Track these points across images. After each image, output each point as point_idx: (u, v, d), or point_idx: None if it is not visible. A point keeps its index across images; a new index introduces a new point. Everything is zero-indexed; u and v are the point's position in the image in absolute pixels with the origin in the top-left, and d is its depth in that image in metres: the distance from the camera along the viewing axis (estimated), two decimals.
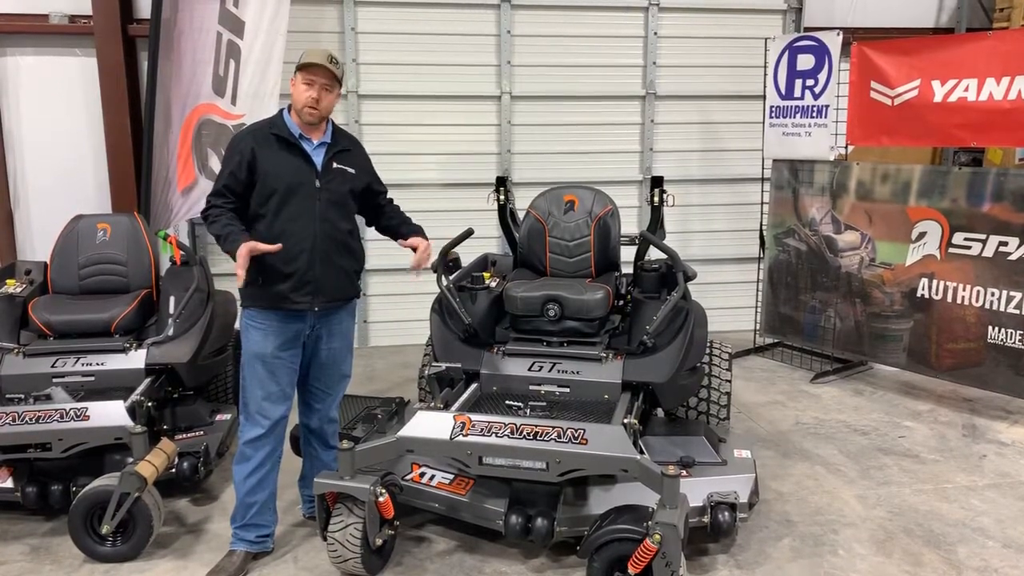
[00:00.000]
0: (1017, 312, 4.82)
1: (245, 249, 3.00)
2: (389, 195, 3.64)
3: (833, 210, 5.80)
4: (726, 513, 3.27)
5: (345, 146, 3.36)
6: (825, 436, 4.74)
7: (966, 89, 4.99)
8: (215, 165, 5.49)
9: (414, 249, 3.44)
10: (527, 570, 3.32)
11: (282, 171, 3.16)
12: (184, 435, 4.09)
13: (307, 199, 3.18)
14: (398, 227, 3.58)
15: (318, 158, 3.24)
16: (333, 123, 3.35)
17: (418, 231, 3.56)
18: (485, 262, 4.70)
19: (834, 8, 6.95)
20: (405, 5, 6.36)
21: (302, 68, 3.14)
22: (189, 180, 5.57)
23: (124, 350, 4.13)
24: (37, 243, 6.21)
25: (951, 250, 5.12)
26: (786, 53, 5.92)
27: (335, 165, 3.28)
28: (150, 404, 3.85)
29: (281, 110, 3.29)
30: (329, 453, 3.58)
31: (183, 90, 5.53)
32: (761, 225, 6.39)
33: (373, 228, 3.67)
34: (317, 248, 3.20)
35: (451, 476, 3.57)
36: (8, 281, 4.49)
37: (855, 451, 4.51)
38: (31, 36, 6.03)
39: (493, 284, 4.29)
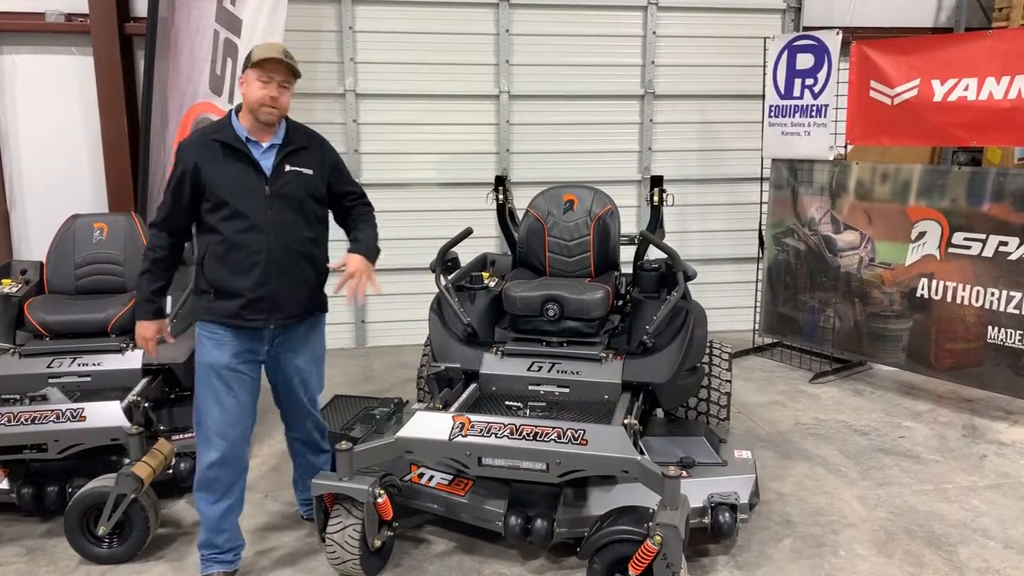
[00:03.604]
0: (1017, 312, 4.81)
1: (151, 332, 3.09)
2: (365, 198, 3.33)
3: (832, 210, 5.78)
4: (727, 514, 3.26)
5: (300, 144, 3.07)
6: (825, 436, 4.72)
7: (966, 88, 4.98)
8: None
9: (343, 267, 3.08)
10: (526, 571, 3.30)
11: (229, 180, 2.92)
12: (181, 436, 4.05)
13: (258, 208, 2.93)
14: (351, 231, 3.28)
15: (267, 162, 2.98)
16: (288, 121, 3.10)
17: (363, 244, 3.15)
18: (484, 262, 4.69)
19: (833, 7, 6.95)
20: (403, 4, 6.34)
21: (256, 65, 2.91)
22: None
23: (120, 350, 4.12)
24: (33, 242, 6.18)
25: (951, 250, 5.11)
26: (785, 52, 5.91)
27: (288, 168, 3.01)
28: (147, 405, 3.83)
29: (229, 112, 3.05)
30: (321, 457, 3.47)
31: (180, 88, 5.51)
32: (760, 225, 6.38)
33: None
34: (271, 261, 2.96)
35: (450, 477, 3.55)
36: (4, 281, 4.47)
37: (855, 451, 4.50)
38: (27, 34, 6.00)
39: (492, 284, 4.27)
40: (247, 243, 2.94)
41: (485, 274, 4.36)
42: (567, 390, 3.76)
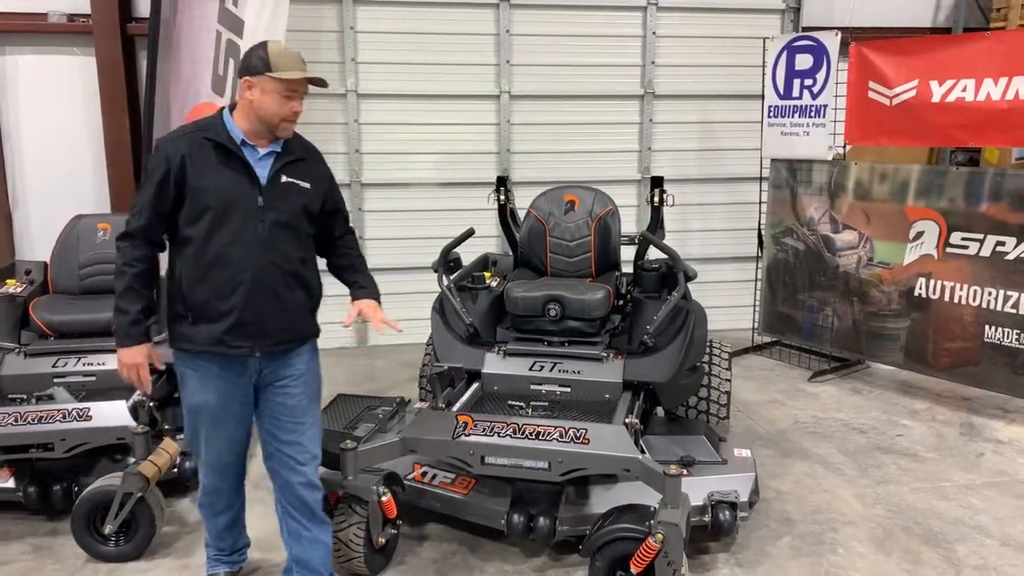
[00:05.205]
0: (1014, 311, 4.85)
1: (142, 357, 2.66)
2: (349, 224, 3.05)
3: (831, 209, 5.82)
4: (727, 512, 3.29)
5: (299, 155, 2.77)
6: (824, 435, 4.76)
7: (964, 89, 5.01)
8: None
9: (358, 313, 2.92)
10: (529, 569, 3.34)
11: (218, 185, 2.59)
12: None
13: (247, 220, 2.61)
14: (345, 272, 3.01)
15: (262, 170, 2.66)
16: None
17: (369, 291, 2.97)
18: (486, 262, 4.72)
19: (832, 8, 6.97)
20: (404, 4, 6.36)
21: (283, 80, 2.58)
22: None
23: None
24: (36, 243, 6.20)
25: (949, 250, 5.15)
26: (784, 53, 5.94)
27: (284, 179, 2.70)
28: (151, 404, 3.86)
29: (221, 111, 2.72)
30: (321, 528, 2.94)
31: (182, 89, 5.52)
32: (759, 224, 6.41)
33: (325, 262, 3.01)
34: (259, 281, 2.64)
35: (453, 476, 3.58)
36: (8, 281, 4.50)
37: (853, 450, 4.54)
38: (30, 35, 6.01)
39: (494, 284, 4.31)
40: (232, 259, 2.61)
41: (487, 274, 4.39)
42: (568, 389, 3.79)
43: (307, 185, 2.76)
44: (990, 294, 4.97)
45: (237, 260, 2.62)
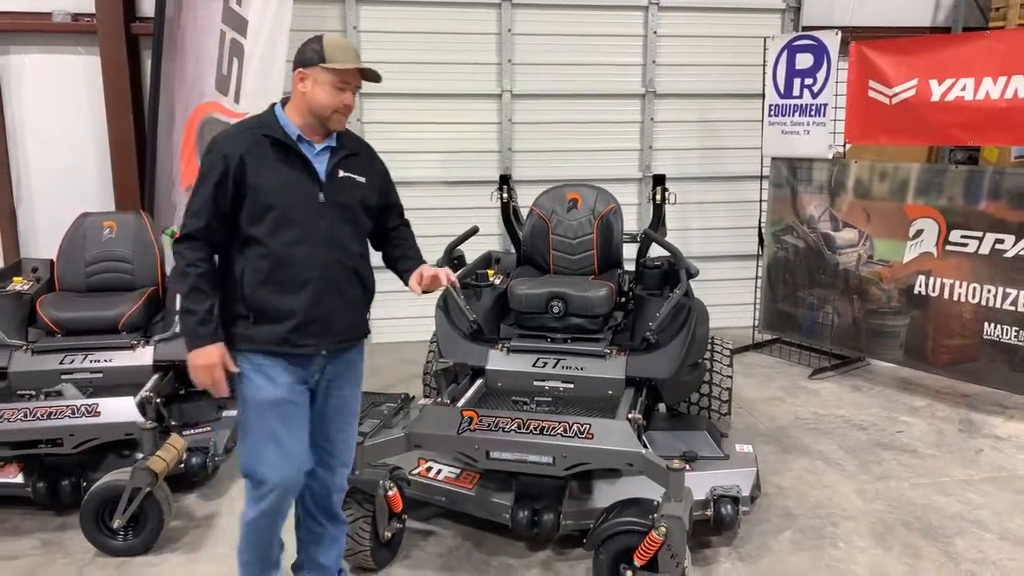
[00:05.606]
0: (1013, 308, 4.88)
1: (217, 357, 2.51)
2: (404, 215, 3.04)
3: (831, 208, 5.85)
4: (729, 506, 3.33)
5: (352, 149, 2.74)
6: (824, 431, 4.79)
7: (963, 88, 5.04)
8: None
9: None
10: (533, 563, 3.37)
11: (278, 183, 2.55)
12: (192, 431, 4.13)
13: (310, 218, 2.58)
14: (399, 262, 2.95)
15: (320, 165, 2.63)
16: None
17: (417, 263, 2.93)
18: (489, 259, 4.74)
19: (832, 7, 7.00)
20: (407, 4, 6.39)
21: (337, 71, 2.56)
22: (192, 178, 5.59)
23: (131, 347, 4.18)
24: (41, 241, 6.23)
25: (948, 247, 5.18)
26: (785, 52, 5.97)
27: (342, 173, 2.67)
28: (158, 401, 3.90)
29: (273, 106, 2.67)
30: (339, 527, 2.95)
31: (187, 88, 5.55)
32: (760, 222, 6.44)
33: (380, 254, 2.99)
34: (325, 278, 2.60)
35: (458, 471, 3.62)
36: (15, 279, 4.53)
37: (854, 446, 4.57)
38: (34, 35, 6.04)
39: (497, 281, 4.33)
40: (298, 257, 2.55)
41: (490, 272, 4.42)
42: (571, 385, 3.82)
43: (363, 179, 2.73)
44: (989, 291, 5.00)
45: (303, 258, 2.56)
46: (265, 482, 2.58)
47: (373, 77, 2.66)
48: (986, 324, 5.03)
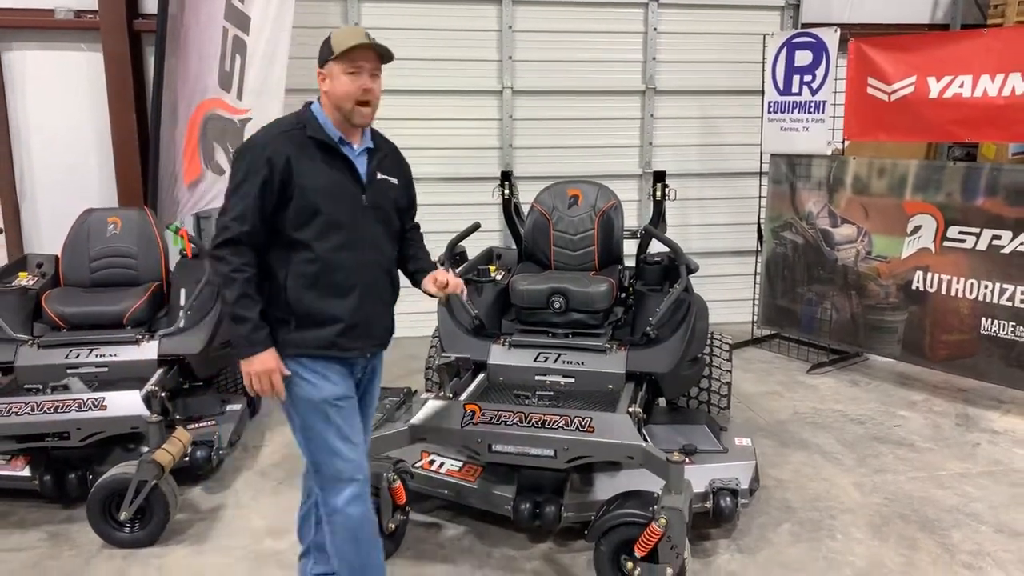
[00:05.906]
0: (1010, 304, 4.92)
1: (273, 362, 2.46)
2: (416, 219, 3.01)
3: (830, 204, 5.89)
4: (728, 499, 3.38)
5: (385, 150, 2.74)
6: (822, 425, 4.84)
7: (961, 85, 5.08)
8: (221, 159, 5.55)
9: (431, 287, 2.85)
10: (535, 554, 3.41)
11: (324, 186, 2.49)
12: (196, 424, 4.16)
13: (355, 222, 2.54)
14: (410, 263, 2.91)
15: (362, 167, 2.59)
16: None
17: (430, 264, 2.94)
18: (490, 255, 4.78)
19: (831, 4, 7.03)
20: (407, 1, 6.42)
21: (340, 56, 2.46)
22: (195, 174, 5.61)
23: (136, 342, 4.21)
24: (44, 236, 6.26)
25: (946, 243, 5.22)
26: (784, 49, 6.00)
27: (379, 175, 2.64)
28: (163, 394, 3.93)
29: (308, 105, 2.59)
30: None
31: (189, 85, 5.56)
32: (759, 219, 6.48)
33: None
34: (367, 283, 2.58)
35: (460, 463, 3.66)
36: (20, 274, 4.57)
37: (851, 440, 4.61)
38: (37, 31, 6.07)
39: (499, 277, 4.37)
40: (344, 262, 2.52)
41: (492, 267, 4.45)
42: (572, 380, 3.86)
43: (395, 181, 2.72)
44: (986, 287, 5.04)
45: (351, 263, 2.54)
46: (341, 477, 2.58)
47: (382, 51, 2.53)
48: (983, 319, 5.07)
